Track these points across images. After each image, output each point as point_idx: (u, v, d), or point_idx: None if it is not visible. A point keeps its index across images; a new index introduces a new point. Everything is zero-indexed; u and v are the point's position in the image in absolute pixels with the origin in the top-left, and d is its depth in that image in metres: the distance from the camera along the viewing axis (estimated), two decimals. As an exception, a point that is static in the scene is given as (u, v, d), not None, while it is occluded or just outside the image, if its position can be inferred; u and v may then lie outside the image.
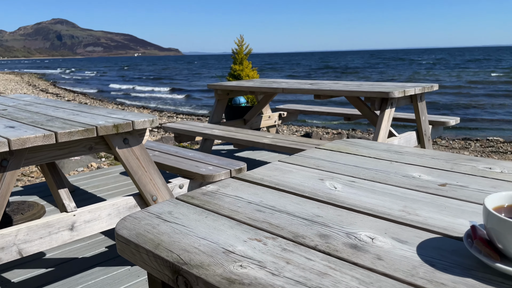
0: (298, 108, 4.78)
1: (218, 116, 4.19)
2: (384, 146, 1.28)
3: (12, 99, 2.75)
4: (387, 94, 2.92)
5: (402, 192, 0.89)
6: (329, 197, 0.87)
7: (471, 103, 14.06)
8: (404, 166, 1.08)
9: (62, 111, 2.15)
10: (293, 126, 9.66)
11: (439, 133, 3.87)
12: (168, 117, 11.80)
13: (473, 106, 13.55)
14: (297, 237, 0.70)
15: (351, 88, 3.27)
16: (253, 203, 0.85)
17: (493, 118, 11.20)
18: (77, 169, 4.41)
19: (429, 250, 0.64)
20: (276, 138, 3.25)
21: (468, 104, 13.98)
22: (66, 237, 1.78)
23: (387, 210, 0.80)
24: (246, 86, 3.89)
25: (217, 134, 3.44)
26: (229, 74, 5.29)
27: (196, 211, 0.81)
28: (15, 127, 1.70)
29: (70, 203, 1.90)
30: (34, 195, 3.21)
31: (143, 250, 0.68)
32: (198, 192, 0.91)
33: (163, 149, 2.71)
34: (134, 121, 1.81)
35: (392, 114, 3.10)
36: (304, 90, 3.48)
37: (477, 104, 13.93)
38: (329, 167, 1.08)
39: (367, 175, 1.01)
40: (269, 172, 1.05)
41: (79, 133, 1.66)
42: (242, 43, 5.27)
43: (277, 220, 0.76)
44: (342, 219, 0.77)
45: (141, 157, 1.94)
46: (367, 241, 0.68)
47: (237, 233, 0.71)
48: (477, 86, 19.39)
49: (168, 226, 0.74)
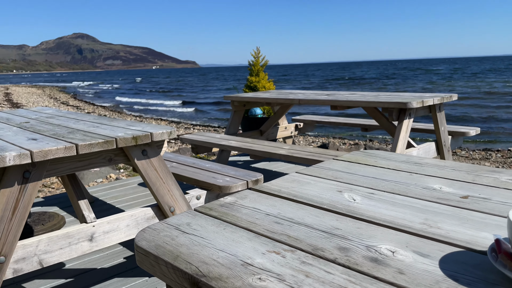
0: (315, 119, 4.77)
1: (234, 127, 4.21)
2: (403, 157, 1.26)
3: (35, 112, 2.82)
4: (405, 104, 2.89)
5: (423, 204, 0.88)
6: (348, 209, 0.86)
7: (491, 113, 13.80)
8: (424, 177, 1.06)
9: (82, 123, 2.20)
10: (310, 137, 9.63)
11: (459, 143, 3.80)
12: (185, 128, 11.91)
13: (493, 116, 13.29)
14: (316, 250, 0.69)
15: (368, 98, 3.25)
16: (271, 215, 0.85)
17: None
18: (96, 180, 4.48)
19: (452, 264, 0.63)
20: (293, 149, 3.24)
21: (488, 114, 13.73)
22: (85, 247, 1.81)
23: (408, 223, 0.78)
24: (263, 97, 3.91)
25: (233, 145, 3.45)
26: (246, 86, 5.32)
27: (214, 223, 0.81)
28: (38, 139, 1.74)
29: (90, 214, 1.93)
30: (55, 206, 3.27)
31: (162, 261, 0.68)
32: (216, 203, 0.92)
33: (181, 160, 2.73)
34: (152, 133, 1.84)
35: (411, 124, 3.07)
36: (320, 101, 3.47)
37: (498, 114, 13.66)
38: (347, 179, 1.07)
39: (387, 187, 1.00)
40: (287, 184, 1.05)
41: (99, 145, 1.68)
42: (258, 55, 5.31)
43: (296, 232, 0.76)
44: (361, 231, 0.76)
45: (159, 168, 1.95)
46: (387, 255, 0.66)
47: (256, 245, 0.71)
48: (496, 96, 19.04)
49: (187, 238, 0.74)
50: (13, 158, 1.47)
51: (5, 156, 1.45)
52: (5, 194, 1.53)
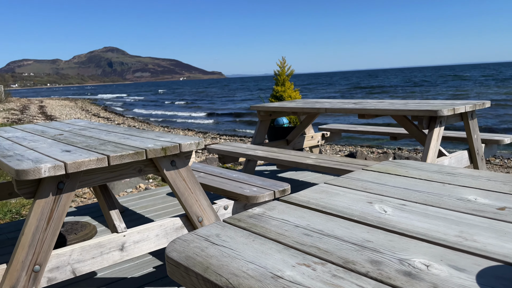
0: (342, 128, 4.72)
1: (261, 137, 4.22)
2: (435, 167, 1.23)
3: (68, 124, 2.91)
4: (435, 112, 2.83)
5: (457, 216, 0.85)
6: (379, 221, 0.85)
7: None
8: (458, 188, 1.03)
9: (113, 135, 2.25)
10: (337, 145, 9.53)
11: (493, 152, 3.67)
12: (212, 138, 12.02)
13: (529, 122, 12.79)
14: (347, 263, 0.68)
15: (397, 106, 3.19)
16: (300, 226, 0.84)
17: (552, 134, 10.47)
18: (126, 190, 4.57)
19: (489, 279, 0.60)
20: (320, 158, 3.21)
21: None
22: (116, 257, 1.84)
23: (442, 236, 0.76)
24: (289, 107, 3.90)
25: (260, 155, 3.46)
26: (272, 95, 5.34)
27: (243, 234, 0.81)
28: (71, 151, 1.80)
29: (121, 224, 1.97)
30: (87, 215, 3.35)
31: (193, 273, 0.68)
32: (245, 214, 0.92)
33: (208, 170, 2.75)
34: (181, 144, 1.86)
35: (442, 132, 2.99)
36: (347, 109, 3.44)
37: (534, 120, 13.14)
38: (377, 190, 1.05)
39: (419, 198, 0.98)
40: (315, 195, 1.04)
41: (130, 156, 1.72)
42: (284, 65, 5.32)
43: (326, 244, 0.75)
44: (394, 244, 0.74)
45: (188, 178, 1.98)
46: (421, 269, 0.65)
47: (285, 257, 0.71)
48: (533, 101, 18.33)
49: (216, 249, 0.75)
50: (48, 170, 1.52)
51: (40, 168, 1.50)
52: (40, 205, 1.58)
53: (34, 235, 1.59)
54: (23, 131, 2.63)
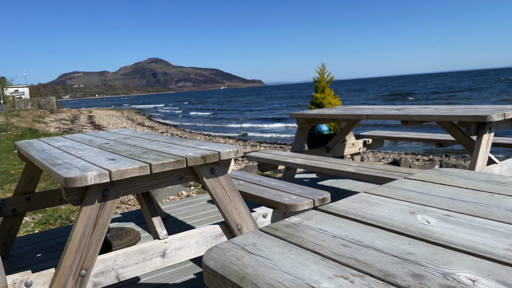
0: (384, 135, 4.61)
1: (300, 144, 4.20)
2: (483, 176, 1.17)
3: (114, 134, 3.03)
4: (484, 118, 2.69)
5: (507, 228, 0.80)
6: (421, 233, 0.81)
7: None
8: (508, 198, 0.97)
9: (156, 143, 2.32)
10: (380, 153, 9.30)
11: (550, 159, 3.44)
12: (252, 145, 12.09)
13: None
14: (387, 276, 0.65)
15: (443, 112, 3.07)
16: (338, 237, 0.82)
17: None
18: (168, 197, 4.67)
19: (544, 298, 0.56)
20: (361, 166, 3.14)
21: None
22: (158, 263, 1.88)
23: (490, 249, 0.72)
24: (328, 113, 3.86)
25: (299, 162, 3.43)
26: (311, 103, 5.30)
27: (280, 244, 0.80)
28: (116, 160, 1.86)
29: (162, 231, 2.01)
30: (131, 221, 3.45)
31: (229, 282, 0.69)
32: (281, 224, 0.91)
33: (247, 178, 2.76)
34: (220, 152, 1.88)
35: (491, 139, 2.84)
36: (390, 116, 3.35)
37: None
38: (420, 200, 1.01)
39: (465, 208, 0.93)
40: (355, 204, 1.02)
41: (171, 164, 1.76)
42: (323, 71, 5.28)
43: (365, 256, 0.73)
44: (437, 257, 0.71)
45: (227, 186, 1.99)
46: (467, 284, 0.61)
47: (322, 268, 0.69)
48: None
49: (252, 259, 0.75)
50: (94, 178, 1.58)
51: (87, 176, 1.56)
52: (86, 211, 1.65)
53: (81, 240, 1.65)
54: (72, 140, 2.76)
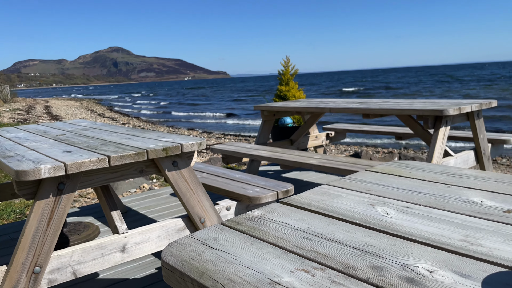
0: (346, 128, 4.69)
1: (264, 137, 4.20)
2: (440, 168, 1.20)
3: (71, 125, 2.91)
4: (441, 111, 2.79)
5: (463, 219, 0.82)
6: (381, 225, 0.82)
7: (535, 119, 13.16)
8: (463, 190, 1.00)
9: (115, 135, 2.24)
10: (342, 145, 9.49)
11: (500, 151, 3.63)
12: (217, 138, 12.02)
13: (536, 121, 12.68)
14: (347, 268, 0.66)
15: (402, 106, 3.16)
16: (300, 230, 0.82)
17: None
18: (130, 190, 4.56)
19: (496, 286, 0.58)
20: (324, 158, 3.19)
21: (531, 119, 13.10)
22: (117, 258, 1.83)
23: (447, 240, 0.74)
24: (292, 106, 3.88)
25: (263, 155, 3.43)
26: (276, 95, 5.31)
27: (242, 238, 0.79)
28: (72, 152, 1.78)
29: (122, 225, 1.95)
30: (90, 216, 3.34)
31: (188, 278, 0.66)
32: (244, 217, 0.90)
33: (211, 170, 2.73)
34: (182, 144, 1.84)
35: (447, 132, 2.95)
36: (352, 109, 3.41)
37: (542, 119, 13.02)
38: (380, 191, 1.03)
39: (423, 200, 0.95)
40: (317, 197, 1.02)
41: (131, 157, 1.71)
42: (288, 64, 5.29)
43: (326, 249, 0.73)
44: (396, 249, 0.72)
45: (190, 179, 1.96)
46: (425, 275, 0.62)
47: (284, 262, 0.68)
48: (540, 100, 18.16)
49: (213, 254, 0.73)
50: (48, 171, 1.50)
51: (40, 169, 1.49)
52: (40, 206, 1.57)
53: (34, 236, 1.58)
54: (26, 131, 2.62)
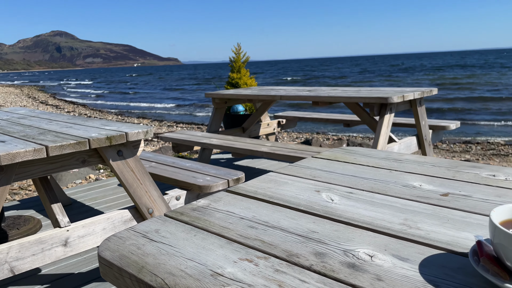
0: (297, 115, 4.75)
1: (216, 124, 4.16)
2: (383, 154, 1.23)
3: (6, 113, 2.71)
4: (385, 99, 2.88)
5: (403, 203, 0.85)
6: (325, 211, 0.83)
7: (470, 107, 14.04)
8: (404, 175, 1.03)
9: (55, 123, 2.12)
10: (294, 133, 9.62)
11: (440, 137, 3.83)
12: (168, 126, 11.78)
13: (472, 109, 13.53)
14: (291, 256, 0.65)
15: (350, 94, 3.23)
16: (246, 218, 0.80)
17: (492, 121, 11.17)
18: (75, 181, 4.37)
19: (432, 268, 0.60)
20: (275, 146, 3.21)
21: (467, 107, 13.96)
22: (59, 253, 1.74)
23: (387, 224, 0.75)
24: (244, 94, 3.86)
25: (215, 143, 3.40)
26: (227, 83, 5.27)
27: (185, 229, 0.77)
28: (6, 142, 1.66)
29: (64, 218, 1.86)
30: (31, 209, 3.17)
31: (126, 274, 0.63)
32: (188, 207, 0.87)
33: (160, 160, 2.66)
34: (128, 133, 1.77)
35: (392, 119, 3.06)
36: (302, 97, 3.44)
37: (476, 107, 13.92)
38: (326, 178, 1.04)
39: (366, 185, 0.97)
40: (263, 184, 1.01)
41: (71, 146, 1.62)
42: (239, 51, 5.25)
43: (270, 237, 0.72)
44: (339, 234, 0.72)
45: (136, 169, 1.89)
46: (365, 259, 0.63)
47: (227, 253, 0.67)
48: (476, 88, 19.39)
49: (154, 247, 0.70)
50: (-23, 162, 1.39)
51: (-32, 161, 1.37)
52: (-30, 200, 1.45)
53: (-36, 233, 1.46)
54: (-46, 120, 2.42)
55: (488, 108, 13.42)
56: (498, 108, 13.20)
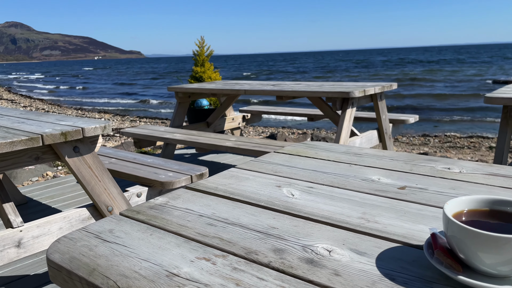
0: (262, 110, 4.75)
1: (179, 119, 4.09)
2: (343, 148, 1.24)
3: (-47, 107, 2.55)
4: (347, 94, 2.93)
5: (361, 197, 0.85)
6: (286, 206, 0.82)
7: (429, 102, 14.58)
8: (363, 168, 1.04)
9: (6, 119, 2.01)
10: (260, 127, 9.64)
11: (400, 131, 3.94)
12: (131, 121, 11.51)
13: (432, 104, 14.05)
14: (249, 253, 0.64)
15: (313, 88, 3.26)
16: (205, 215, 0.79)
17: (449, 115, 11.66)
18: (31, 179, 4.18)
19: (389, 261, 0.60)
20: (239, 140, 3.19)
21: (426, 102, 14.48)
22: (12, 254, 1.65)
23: (346, 218, 0.76)
24: (208, 88, 3.81)
25: (178, 138, 3.34)
26: (191, 77, 5.19)
27: (141, 228, 0.74)
28: (-50, 138, 1.56)
29: (16, 218, 1.77)
30: (-18, 209, 3.00)
31: (76, 277, 0.60)
32: (145, 205, 0.84)
33: (120, 155, 2.59)
34: (84, 128, 1.70)
35: (354, 113, 3.12)
36: (266, 91, 3.44)
37: (435, 102, 14.46)
38: (287, 173, 1.03)
39: (326, 179, 0.97)
40: (224, 180, 0.99)
41: (22, 143, 1.54)
42: (203, 45, 5.18)
43: (229, 234, 0.71)
44: (298, 230, 0.72)
45: (94, 165, 1.83)
46: (324, 255, 0.63)
47: (184, 252, 0.65)
48: (435, 85, 20.14)
49: (107, 247, 0.67)
50: None
51: None
52: None
53: None
54: None
55: (446, 103, 13.97)
56: (455, 104, 13.77)
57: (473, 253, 0.53)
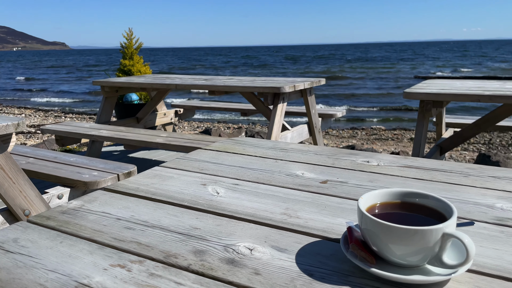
0: (195, 104, 4.68)
1: (106, 115, 3.90)
2: (270, 144, 1.25)
3: None
4: (278, 89, 2.97)
5: (285, 192, 0.86)
6: (210, 205, 0.81)
7: (358, 97, 15.33)
8: (288, 164, 1.06)
9: None
10: (195, 122, 9.51)
11: (329, 124, 4.08)
12: (56, 117, 10.80)
13: (358, 97, 14.79)
14: (168, 257, 0.61)
15: (245, 83, 3.27)
16: (123, 219, 0.74)
17: (375, 109, 12.34)
18: None
19: (308, 257, 0.61)
20: (171, 136, 3.11)
21: (355, 97, 15.21)
22: None
23: (269, 215, 0.75)
24: (137, 82, 3.67)
25: (104, 135, 3.18)
26: (119, 70, 4.97)
27: (50, 236, 0.68)
28: None
29: None
30: None
31: (-31, 296, 0.54)
32: (57, 210, 0.78)
33: (39, 155, 2.41)
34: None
35: (285, 108, 3.17)
36: (198, 86, 3.39)
37: (363, 97, 15.24)
38: (213, 170, 1.02)
39: (252, 176, 0.97)
40: (147, 180, 0.95)
41: None
42: (131, 37, 4.98)
43: (148, 238, 0.67)
44: (221, 229, 0.70)
45: (7, 166, 1.68)
46: (245, 254, 0.62)
47: (97, 259, 0.61)
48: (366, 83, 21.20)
49: (10, 259, 0.61)
50: None
51: None
52: None
53: None
54: None
55: (374, 98, 14.77)
56: (383, 98, 14.60)
57: (384, 245, 0.55)
